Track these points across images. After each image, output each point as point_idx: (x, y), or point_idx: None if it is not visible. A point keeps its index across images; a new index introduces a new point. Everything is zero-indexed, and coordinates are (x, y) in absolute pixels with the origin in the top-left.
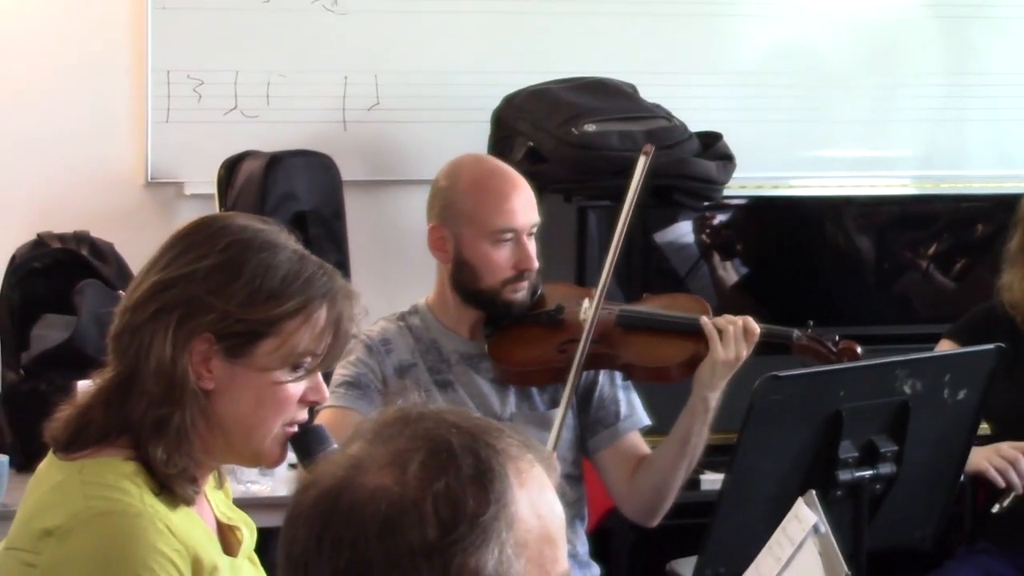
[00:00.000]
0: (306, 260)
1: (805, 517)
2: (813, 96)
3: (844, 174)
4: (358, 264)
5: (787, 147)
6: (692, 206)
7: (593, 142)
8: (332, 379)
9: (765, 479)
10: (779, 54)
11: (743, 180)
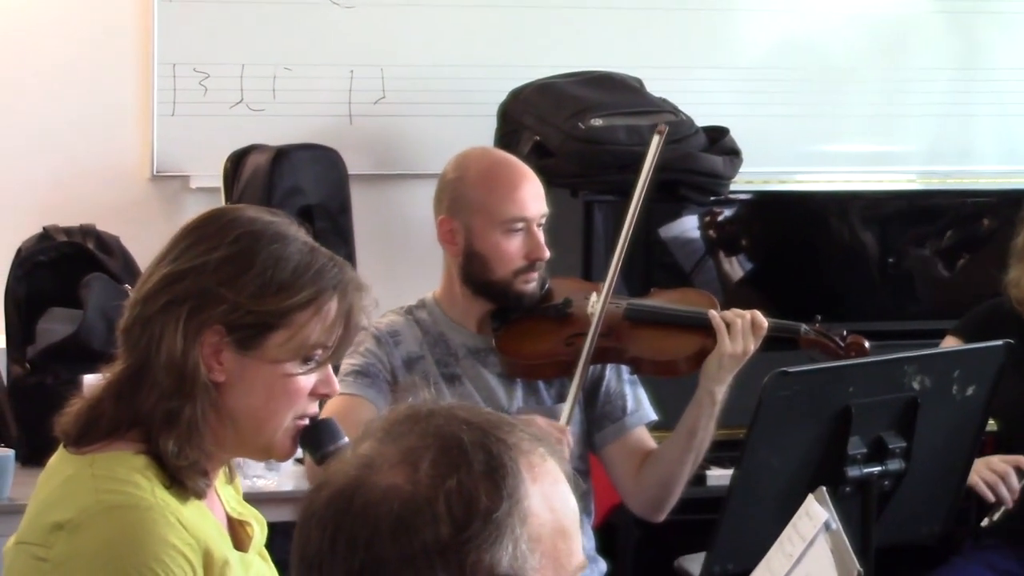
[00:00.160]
0: (317, 252)
1: (816, 514)
2: (819, 91)
3: (850, 169)
4: (364, 257)
5: (793, 142)
6: (698, 201)
7: (600, 136)
8: (340, 369)
9: (774, 475)
10: (785, 49)
11: (749, 175)
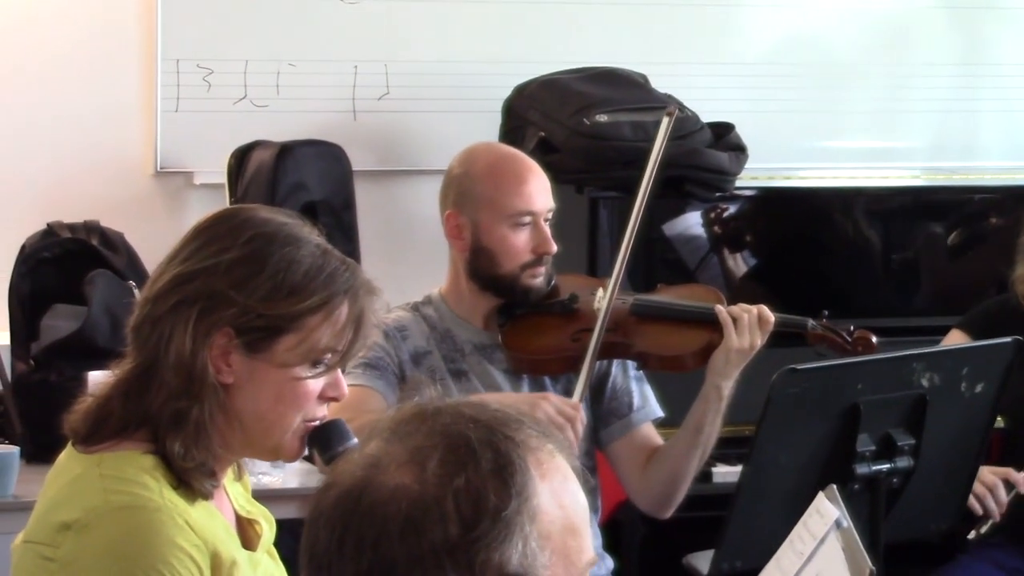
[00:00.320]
0: (329, 255)
1: (827, 512)
2: (824, 87)
3: (855, 165)
4: (368, 254)
5: (798, 138)
6: (704, 197)
7: (605, 132)
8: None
9: (782, 472)
10: (790, 45)
11: (753, 171)
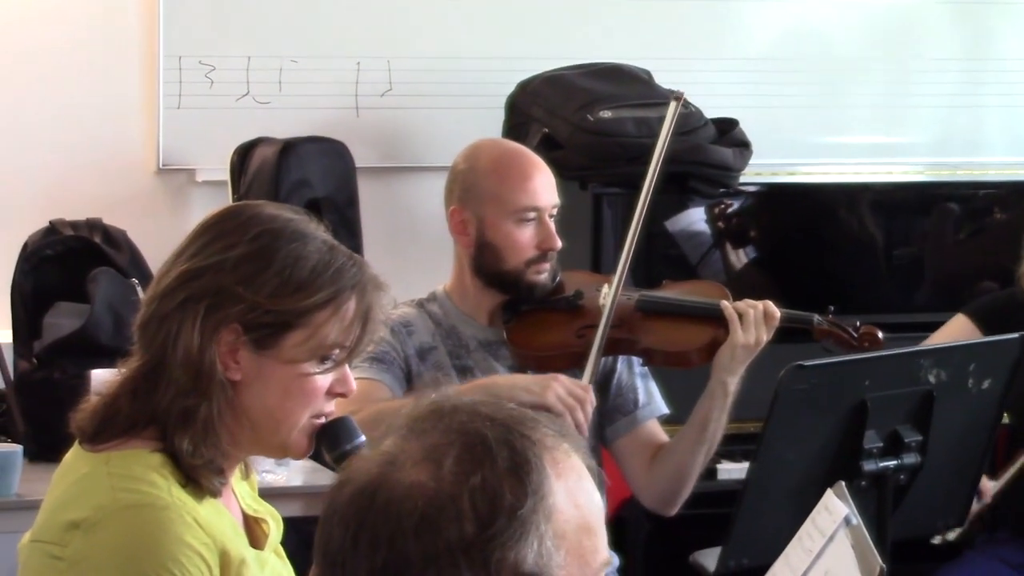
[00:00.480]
0: (336, 251)
1: (836, 509)
2: (828, 82)
3: (859, 160)
4: (372, 250)
5: (801, 133)
6: (708, 193)
7: (609, 128)
8: None
9: (790, 469)
10: (794, 40)
11: (757, 167)
